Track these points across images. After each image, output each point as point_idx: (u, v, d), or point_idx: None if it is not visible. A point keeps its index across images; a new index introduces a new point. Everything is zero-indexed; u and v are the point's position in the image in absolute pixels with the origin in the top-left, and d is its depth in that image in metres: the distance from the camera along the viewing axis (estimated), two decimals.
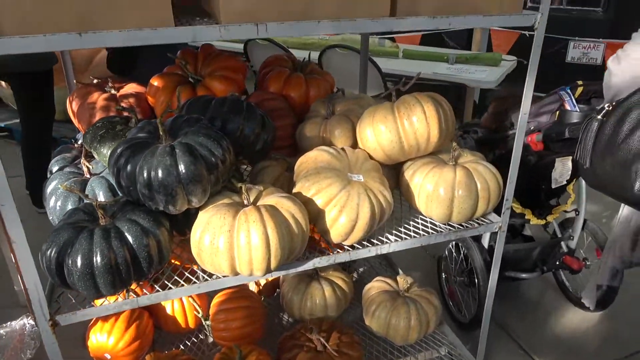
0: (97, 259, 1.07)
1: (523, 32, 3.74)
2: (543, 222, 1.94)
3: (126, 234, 1.12)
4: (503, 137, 1.81)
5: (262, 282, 1.95)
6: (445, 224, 1.43)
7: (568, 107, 1.52)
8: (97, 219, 1.16)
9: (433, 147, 1.37)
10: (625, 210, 1.30)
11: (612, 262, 1.35)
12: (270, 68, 1.82)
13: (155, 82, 1.62)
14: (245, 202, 1.20)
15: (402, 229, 1.43)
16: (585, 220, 2.06)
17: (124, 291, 1.20)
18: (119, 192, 1.23)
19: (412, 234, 1.40)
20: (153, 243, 1.14)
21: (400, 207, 1.54)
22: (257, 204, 1.20)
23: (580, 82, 1.55)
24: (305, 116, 1.66)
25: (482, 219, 1.47)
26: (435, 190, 1.35)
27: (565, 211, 2.01)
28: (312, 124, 1.56)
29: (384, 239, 1.37)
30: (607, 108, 1.17)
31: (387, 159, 1.39)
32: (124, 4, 0.89)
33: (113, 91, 1.66)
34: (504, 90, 2.14)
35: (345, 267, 2.18)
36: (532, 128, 1.65)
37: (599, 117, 1.17)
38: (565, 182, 1.84)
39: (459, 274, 2.08)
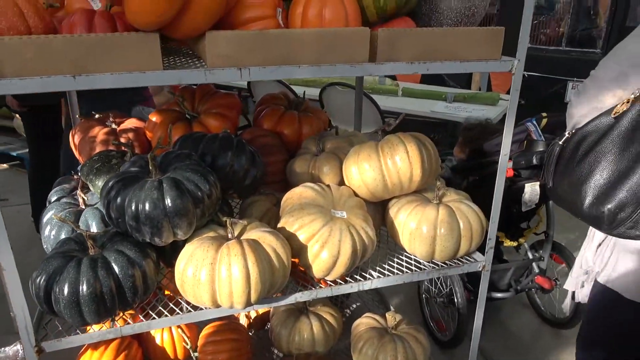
0: (83, 288, 1.10)
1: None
2: (515, 244, 2.09)
3: (113, 264, 1.16)
4: (475, 164, 1.96)
5: (253, 315, 1.96)
6: (429, 262, 1.45)
7: (534, 137, 1.66)
8: (87, 248, 1.20)
9: (416, 186, 1.41)
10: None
11: (576, 273, 1.47)
12: (265, 105, 1.89)
13: (153, 117, 1.69)
14: (230, 235, 1.24)
15: (386, 266, 1.45)
16: (554, 242, 2.24)
17: (110, 320, 1.23)
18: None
19: (396, 270, 1.42)
20: (138, 274, 1.17)
21: (387, 244, 1.57)
22: (241, 238, 1.24)
23: (544, 115, 1.69)
24: (297, 153, 1.71)
25: (467, 257, 1.49)
26: (418, 228, 1.38)
27: (536, 233, 2.15)
28: (302, 160, 1.61)
29: (367, 275, 1.40)
30: (567, 135, 1.30)
31: (372, 196, 1.43)
32: (116, 52, 0.96)
33: (114, 126, 1.73)
34: (471, 121, 2.30)
35: (338, 303, 2.19)
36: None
37: (560, 142, 1.30)
38: (534, 206, 2.00)
39: (439, 295, 2.16)
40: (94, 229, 1.32)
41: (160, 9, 0.91)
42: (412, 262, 1.46)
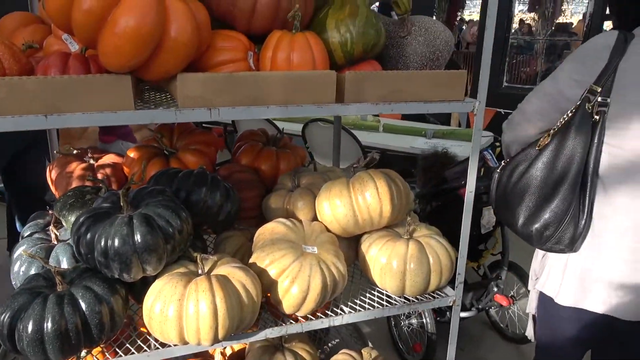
0: (48, 325, 1.10)
1: (499, 109, 3.95)
2: (475, 264, 2.18)
3: (80, 300, 1.15)
4: (438, 191, 2.13)
5: (228, 352, 1.94)
6: (400, 297, 1.47)
7: (491, 164, 1.77)
8: (55, 285, 1.20)
9: (386, 221, 1.43)
10: None
11: (531, 286, 1.57)
12: (244, 142, 1.93)
13: (131, 153, 1.72)
14: (200, 271, 1.24)
15: (358, 301, 1.46)
16: (510, 262, 2.42)
17: (74, 357, 1.21)
18: None
19: (367, 306, 1.43)
20: (106, 310, 1.17)
21: (360, 279, 1.58)
22: (212, 273, 1.24)
23: (498, 144, 1.82)
24: (273, 188, 1.74)
25: (438, 292, 1.50)
26: (388, 263, 1.40)
27: (493, 254, 2.38)
28: (277, 196, 1.63)
29: (338, 311, 1.40)
30: (503, 163, 1.45)
31: (343, 231, 1.45)
32: (88, 93, 0.99)
33: (92, 161, 1.76)
34: (428, 152, 2.48)
35: (317, 340, 2.17)
36: (462, 182, 1.96)
37: (498, 170, 1.45)
38: (491, 229, 2.19)
39: (407, 317, 2.24)
40: (64, 265, 1.32)
41: (130, 53, 0.95)
42: (384, 297, 1.47)
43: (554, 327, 1.47)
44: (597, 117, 1.23)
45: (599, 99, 1.22)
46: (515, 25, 11.05)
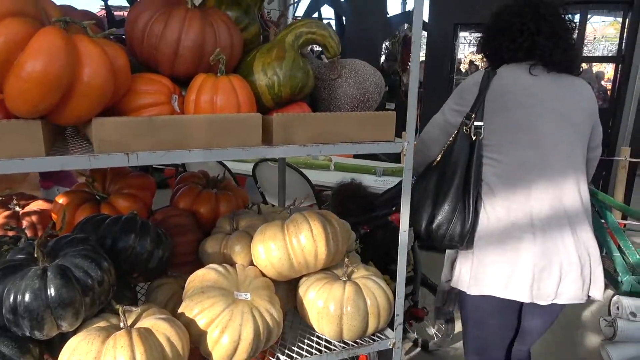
0: None
1: None
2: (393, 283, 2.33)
3: None
4: (367, 218, 2.26)
5: None
6: (338, 341, 1.42)
7: None
8: None
9: (322, 264, 1.41)
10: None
11: (442, 287, 1.87)
12: (183, 184, 1.89)
13: (60, 199, 1.64)
14: (122, 324, 1.17)
15: (296, 348, 1.40)
16: (422, 277, 2.62)
17: None
18: None
19: (305, 352, 1.38)
20: None
21: (300, 324, 1.53)
22: (135, 326, 1.17)
23: None
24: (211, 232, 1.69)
25: (378, 334, 1.47)
26: (325, 307, 1.36)
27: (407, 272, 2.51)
28: (213, 240, 1.58)
29: (273, 359, 1.35)
30: (415, 178, 1.70)
31: (279, 275, 1.41)
32: None
33: (17, 208, 1.66)
34: (342, 183, 2.63)
35: None
36: (394, 209, 2.21)
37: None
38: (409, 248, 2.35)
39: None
40: None
41: (37, 98, 0.92)
42: (322, 343, 1.43)
43: (473, 317, 1.75)
44: (474, 137, 1.56)
45: (475, 122, 1.55)
46: (465, 66, 11.62)
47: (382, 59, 7.72)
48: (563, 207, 1.56)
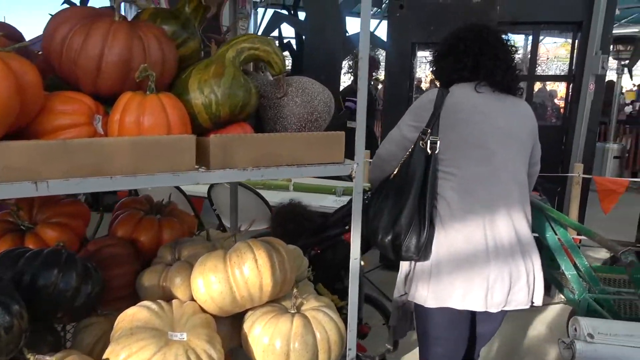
0: None
1: None
2: (342, 303, 2.23)
3: None
4: (315, 241, 2.19)
5: None
6: None
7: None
8: None
9: (268, 296, 1.30)
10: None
11: (395, 303, 1.85)
12: (122, 211, 1.74)
13: None
14: None
15: None
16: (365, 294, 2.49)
17: None
18: None
19: None
20: None
21: None
22: None
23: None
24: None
25: None
26: (270, 344, 1.25)
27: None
28: (152, 272, 1.45)
29: None
30: (370, 194, 1.76)
31: (220, 311, 1.29)
32: None
33: None
34: (283, 204, 2.53)
35: None
36: (347, 228, 2.15)
37: (366, 200, 1.67)
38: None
39: None
40: None
41: None
42: None
43: (430, 332, 1.74)
44: (430, 152, 1.59)
45: (431, 138, 1.59)
46: (426, 85, 11.85)
47: (353, 78, 7.74)
48: (511, 219, 1.63)
